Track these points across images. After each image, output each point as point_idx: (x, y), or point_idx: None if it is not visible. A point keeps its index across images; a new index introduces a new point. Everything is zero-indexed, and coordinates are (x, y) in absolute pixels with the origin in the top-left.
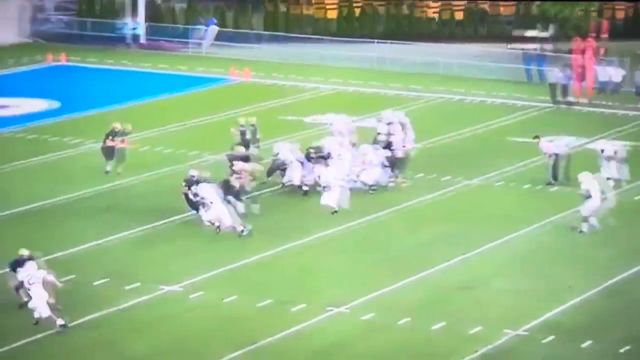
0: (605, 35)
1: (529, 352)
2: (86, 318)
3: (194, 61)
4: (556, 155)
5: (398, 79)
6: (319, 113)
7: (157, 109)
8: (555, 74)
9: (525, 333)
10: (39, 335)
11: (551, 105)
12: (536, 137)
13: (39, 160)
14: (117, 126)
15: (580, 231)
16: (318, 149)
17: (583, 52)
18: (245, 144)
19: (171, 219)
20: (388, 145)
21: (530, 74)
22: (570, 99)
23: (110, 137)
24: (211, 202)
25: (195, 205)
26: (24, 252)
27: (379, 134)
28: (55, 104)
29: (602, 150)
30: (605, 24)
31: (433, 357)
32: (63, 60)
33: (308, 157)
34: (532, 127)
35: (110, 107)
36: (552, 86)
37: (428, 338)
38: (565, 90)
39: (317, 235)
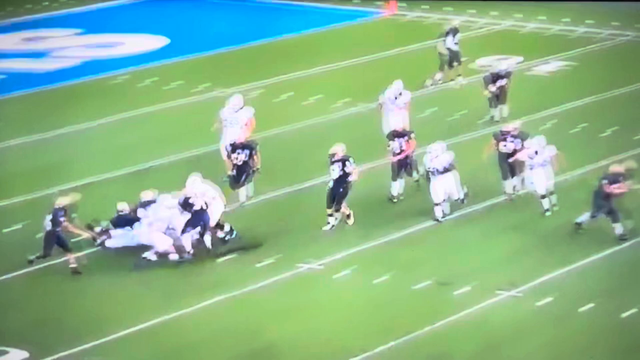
0: None
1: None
2: (215, 299)
3: None
4: None
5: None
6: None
7: (283, 50)
8: None
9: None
10: None
11: None
12: None
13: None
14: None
15: None
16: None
17: None
18: None
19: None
20: None
21: None
22: None
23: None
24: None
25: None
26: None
27: None
28: (163, 41)
29: None
30: None
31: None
32: None
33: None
34: None
35: (229, 48)
36: None
37: (621, 324)
38: None
39: (477, 208)
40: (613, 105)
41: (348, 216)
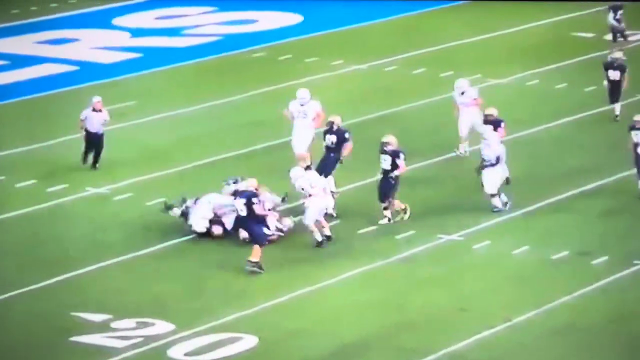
0: None
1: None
2: (356, 270)
3: None
4: None
5: None
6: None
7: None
8: None
9: None
10: None
11: None
12: None
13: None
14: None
15: None
16: None
17: None
18: None
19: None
20: None
21: None
22: None
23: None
24: None
25: None
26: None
27: None
28: (297, 18)
29: None
30: None
31: None
32: None
33: None
34: None
35: (364, 23)
36: None
37: None
38: None
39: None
40: None
41: (404, 210)
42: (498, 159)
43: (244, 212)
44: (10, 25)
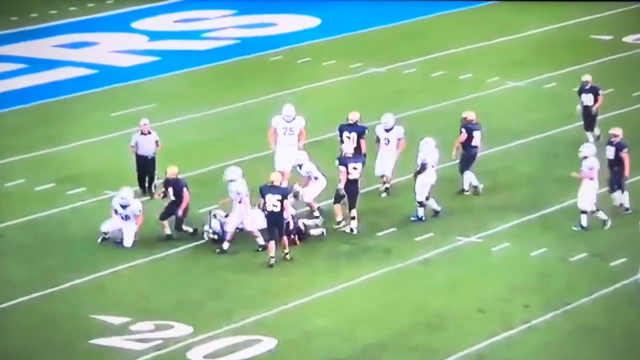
0: None
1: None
2: (377, 272)
3: None
4: None
5: None
6: None
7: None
8: None
9: None
10: None
11: None
12: None
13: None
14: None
15: None
16: None
17: None
18: None
19: None
20: None
21: None
22: None
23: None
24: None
25: None
26: None
27: None
28: (315, 22)
29: None
30: None
31: None
32: None
33: None
34: None
35: (377, 27)
36: None
37: None
38: None
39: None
40: None
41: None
42: (424, 167)
43: (277, 208)
44: (29, 28)
